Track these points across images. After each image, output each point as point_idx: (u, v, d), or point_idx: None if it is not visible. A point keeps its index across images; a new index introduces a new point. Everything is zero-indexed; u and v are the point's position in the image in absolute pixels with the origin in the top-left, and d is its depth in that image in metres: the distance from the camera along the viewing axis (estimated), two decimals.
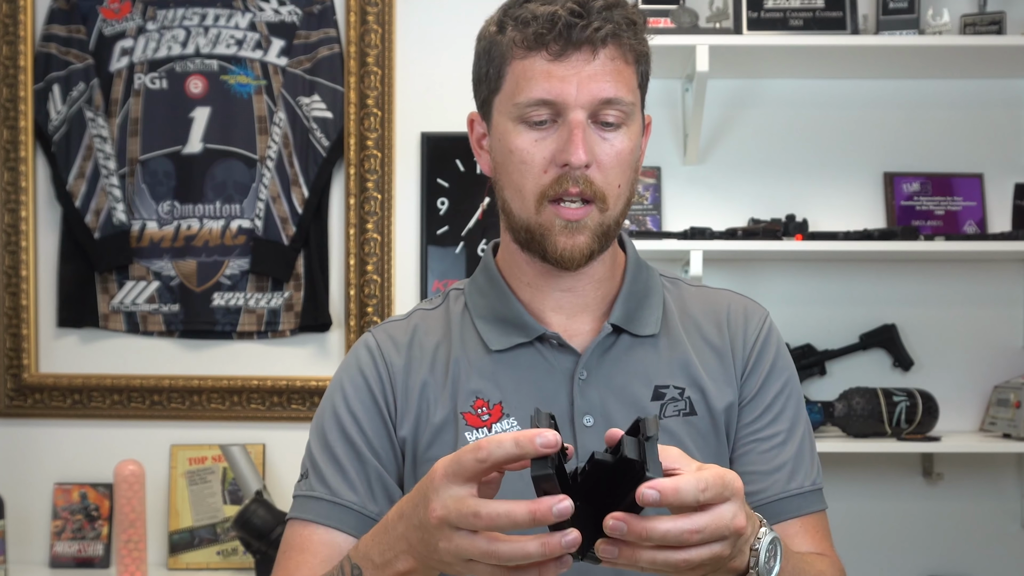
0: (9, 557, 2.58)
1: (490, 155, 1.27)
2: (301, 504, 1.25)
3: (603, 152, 1.19)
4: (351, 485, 1.23)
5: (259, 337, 2.70)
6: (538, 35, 1.17)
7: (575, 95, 1.17)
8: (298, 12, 2.69)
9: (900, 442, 2.45)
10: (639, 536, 0.89)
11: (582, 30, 1.16)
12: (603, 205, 1.20)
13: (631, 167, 1.23)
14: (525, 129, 1.20)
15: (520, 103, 1.19)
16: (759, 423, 1.27)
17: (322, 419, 1.28)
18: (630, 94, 1.20)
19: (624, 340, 1.27)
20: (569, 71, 1.17)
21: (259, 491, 2.42)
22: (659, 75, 2.64)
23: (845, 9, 2.53)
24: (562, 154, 1.18)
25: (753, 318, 1.32)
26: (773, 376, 1.29)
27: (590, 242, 1.21)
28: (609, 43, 1.18)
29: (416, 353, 1.28)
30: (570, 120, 1.17)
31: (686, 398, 1.25)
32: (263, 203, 2.66)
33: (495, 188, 1.27)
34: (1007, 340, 2.66)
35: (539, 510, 0.88)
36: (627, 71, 1.20)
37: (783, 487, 1.25)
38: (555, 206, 1.20)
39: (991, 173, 2.68)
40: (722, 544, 0.93)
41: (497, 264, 1.32)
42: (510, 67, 1.20)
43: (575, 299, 1.27)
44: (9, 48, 2.68)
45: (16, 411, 2.70)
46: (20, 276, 2.68)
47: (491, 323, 1.27)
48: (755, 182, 2.67)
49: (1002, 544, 2.64)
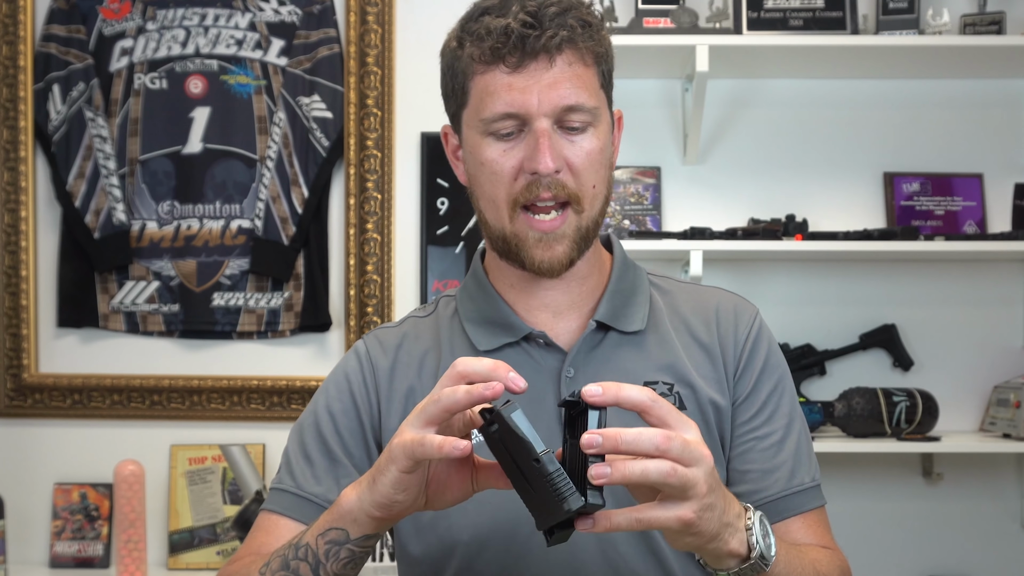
0: (9, 557, 2.59)
1: (464, 166, 1.29)
2: (271, 495, 1.29)
3: (573, 155, 1.21)
4: (317, 479, 1.26)
5: (259, 337, 2.70)
6: (494, 49, 1.18)
7: (537, 104, 1.18)
8: (298, 12, 2.69)
9: (900, 442, 2.45)
10: (613, 443, 0.92)
11: (536, 40, 1.17)
12: (579, 207, 1.22)
13: (603, 166, 1.24)
14: (493, 141, 1.22)
15: (486, 118, 1.21)
16: (755, 422, 1.27)
17: (303, 418, 1.32)
18: (592, 97, 1.21)
19: (611, 337, 1.28)
20: (528, 81, 1.18)
21: (259, 491, 2.42)
22: (659, 75, 2.66)
23: (845, 9, 2.53)
24: (530, 163, 1.19)
25: (743, 316, 1.32)
26: (766, 374, 1.29)
27: (569, 251, 1.23)
28: (565, 49, 1.19)
29: (404, 358, 1.31)
30: (535, 129, 1.19)
31: (675, 393, 1.26)
32: (263, 203, 2.66)
33: (471, 199, 1.29)
34: (1007, 340, 2.66)
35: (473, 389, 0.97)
36: (587, 74, 1.21)
37: (785, 485, 1.26)
38: (528, 216, 1.21)
39: (991, 173, 2.68)
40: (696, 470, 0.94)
41: (485, 268, 1.34)
42: (472, 82, 1.22)
43: (559, 297, 1.29)
44: (9, 48, 2.68)
45: (16, 411, 2.70)
46: (20, 276, 2.68)
47: (479, 325, 1.29)
48: (755, 182, 2.67)
49: (1002, 544, 2.64)
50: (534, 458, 0.94)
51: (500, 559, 1.23)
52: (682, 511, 0.95)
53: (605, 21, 1.26)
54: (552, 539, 0.97)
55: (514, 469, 0.97)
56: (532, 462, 0.94)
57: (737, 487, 1.26)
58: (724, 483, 1.26)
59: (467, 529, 1.23)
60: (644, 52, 2.49)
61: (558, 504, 0.93)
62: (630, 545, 1.23)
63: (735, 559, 1.02)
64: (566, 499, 0.93)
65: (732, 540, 1.00)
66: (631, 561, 1.22)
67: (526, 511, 0.98)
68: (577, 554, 1.22)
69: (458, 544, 1.24)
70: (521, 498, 0.98)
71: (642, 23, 2.51)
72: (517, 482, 0.97)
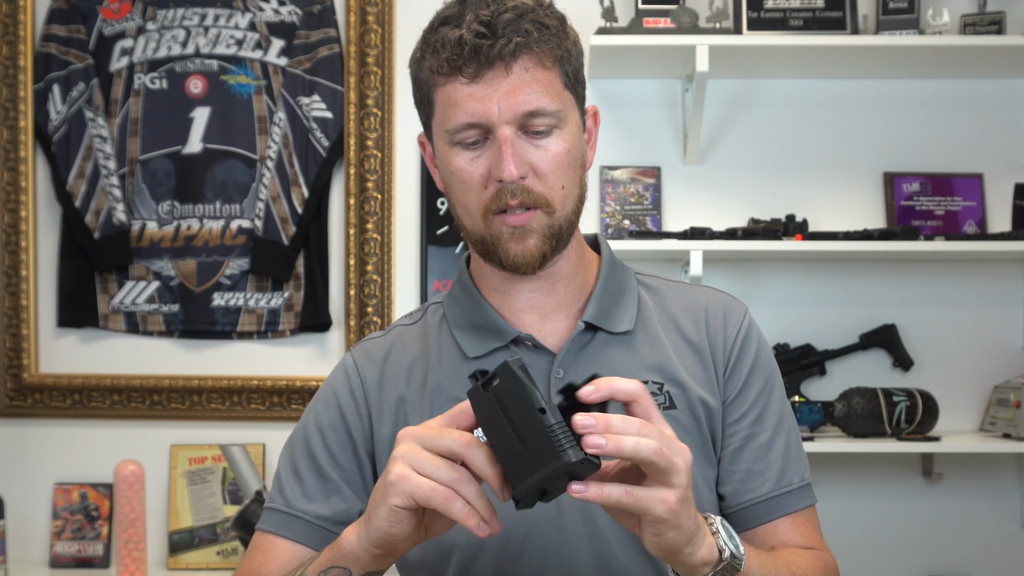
0: (9, 557, 2.59)
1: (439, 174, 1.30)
2: (264, 515, 1.31)
3: (538, 159, 1.21)
4: (308, 496, 1.27)
5: (259, 337, 2.70)
6: (451, 60, 1.19)
7: (498, 112, 1.19)
8: (298, 12, 2.69)
9: (900, 442, 2.45)
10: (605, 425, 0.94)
11: (490, 48, 1.18)
12: (548, 209, 1.22)
13: (572, 166, 1.24)
14: (460, 150, 1.22)
15: (450, 129, 1.22)
16: (745, 421, 1.28)
17: (292, 435, 1.34)
18: (554, 100, 1.21)
19: (600, 338, 1.28)
20: (487, 90, 1.19)
21: (259, 491, 2.42)
22: (659, 75, 2.66)
23: (845, 9, 2.53)
24: (495, 171, 1.20)
25: (733, 315, 1.32)
26: (756, 373, 1.29)
27: (540, 244, 1.23)
28: (521, 55, 1.19)
29: (392, 367, 1.31)
30: (498, 137, 1.19)
31: (665, 392, 1.26)
32: (263, 203, 2.66)
33: (448, 204, 1.30)
34: (1007, 340, 2.66)
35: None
36: (547, 77, 1.21)
37: (774, 485, 1.26)
38: (501, 216, 1.22)
39: (991, 173, 2.68)
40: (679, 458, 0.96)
41: (470, 273, 1.34)
42: (436, 94, 1.23)
43: (545, 299, 1.29)
44: (9, 48, 2.68)
45: (16, 411, 2.70)
46: (20, 276, 2.68)
47: (467, 331, 1.30)
48: (755, 182, 2.67)
49: (1002, 544, 2.64)
50: (539, 407, 0.93)
51: (496, 562, 1.23)
52: (667, 494, 0.96)
53: (567, 20, 1.25)
54: (520, 505, 0.96)
55: (504, 429, 0.95)
56: (536, 411, 0.93)
57: (726, 486, 1.27)
58: (714, 482, 1.27)
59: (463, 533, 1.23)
60: (644, 52, 2.49)
61: (556, 455, 0.92)
62: (623, 546, 1.23)
63: (708, 566, 1.03)
64: (565, 451, 0.92)
65: (702, 547, 1.02)
66: (625, 562, 1.23)
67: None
68: (571, 555, 1.22)
69: (455, 548, 1.24)
70: (501, 463, 0.96)
71: (642, 23, 2.51)
72: (504, 443, 0.95)
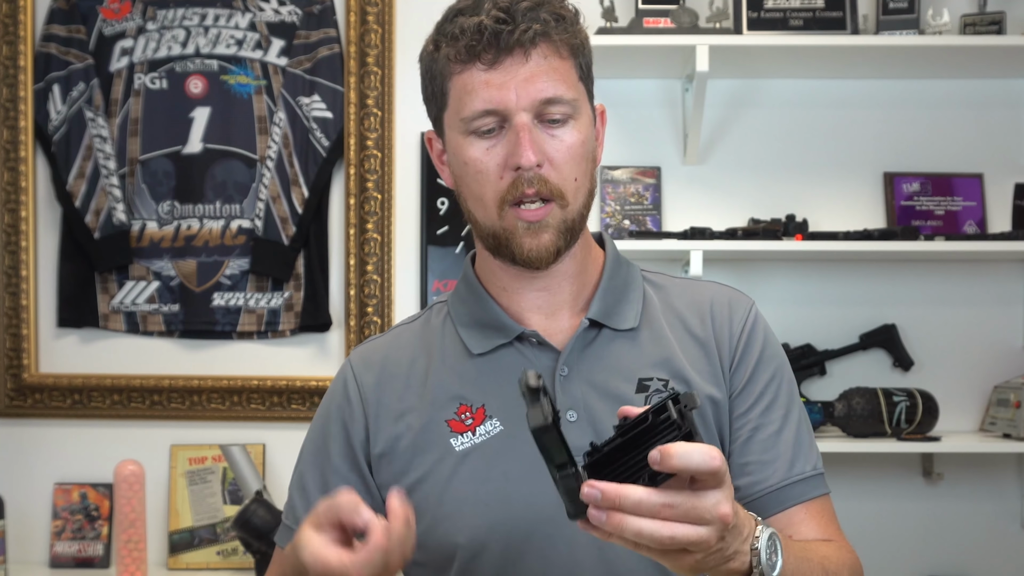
0: (9, 557, 2.58)
1: (449, 169, 1.30)
2: (279, 530, 1.36)
3: (554, 149, 1.22)
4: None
5: (259, 337, 2.70)
6: (469, 47, 1.20)
7: (515, 99, 1.19)
8: (298, 12, 2.69)
9: (900, 442, 2.45)
10: (612, 502, 0.90)
11: (509, 35, 1.18)
12: (563, 201, 1.23)
13: (585, 159, 1.24)
14: (475, 140, 1.23)
15: (466, 117, 1.22)
16: (753, 412, 1.27)
17: (301, 449, 1.37)
18: (571, 89, 1.22)
19: (604, 335, 1.28)
20: (505, 77, 1.19)
21: (259, 491, 2.42)
22: (659, 75, 2.66)
23: (845, 9, 2.53)
24: (513, 158, 1.20)
25: (738, 309, 1.32)
26: (762, 365, 1.29)
27: (555, 239, 1.23)
28: (540, 42, 1.20)
29: (391, 369, 1.32)
30: (515, 124, 1.20)
31: (671, 389, 1.26)
32: (263, 203, 2.66)
33: (459, 200, 1.30)
34: (1007, 340, 2.66)
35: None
36: (564, 66, 1.22)
37: (785, 474, 1.26)
38: (516, 209, 1.22)
39: (991, 173, 2.68)
40: (708, 530, 0.92)
41: (475, 272, 1.35)
42: (451, 83, 1.23)
43: (551, 297, 1.29)
44: (9, 48, 2.68)
45: (16, 411, 2.70)
46: (20, 276, 2.68)
47: (472, 328, 1.30)
48: (755, 182, 2.67)
49: (1002, 544, 2.64)
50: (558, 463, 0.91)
51: (498, 561, 1.23)
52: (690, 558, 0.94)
53: (579, 15, 1.26)
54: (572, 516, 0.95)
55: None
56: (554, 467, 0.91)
57: (738, 479, 1.26)
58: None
59: (465, 532, 1.23)
60: (644, 52, 2.49)
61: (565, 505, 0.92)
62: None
63: (736, 574, 1.01)
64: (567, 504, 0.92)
65: (733, 561, 0.99)
66: (629, 562, 1.22)
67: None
68: (574, 554, 1.22)
69: (457, 548, 1.24)
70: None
71: (642, 23, 2.51)
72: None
